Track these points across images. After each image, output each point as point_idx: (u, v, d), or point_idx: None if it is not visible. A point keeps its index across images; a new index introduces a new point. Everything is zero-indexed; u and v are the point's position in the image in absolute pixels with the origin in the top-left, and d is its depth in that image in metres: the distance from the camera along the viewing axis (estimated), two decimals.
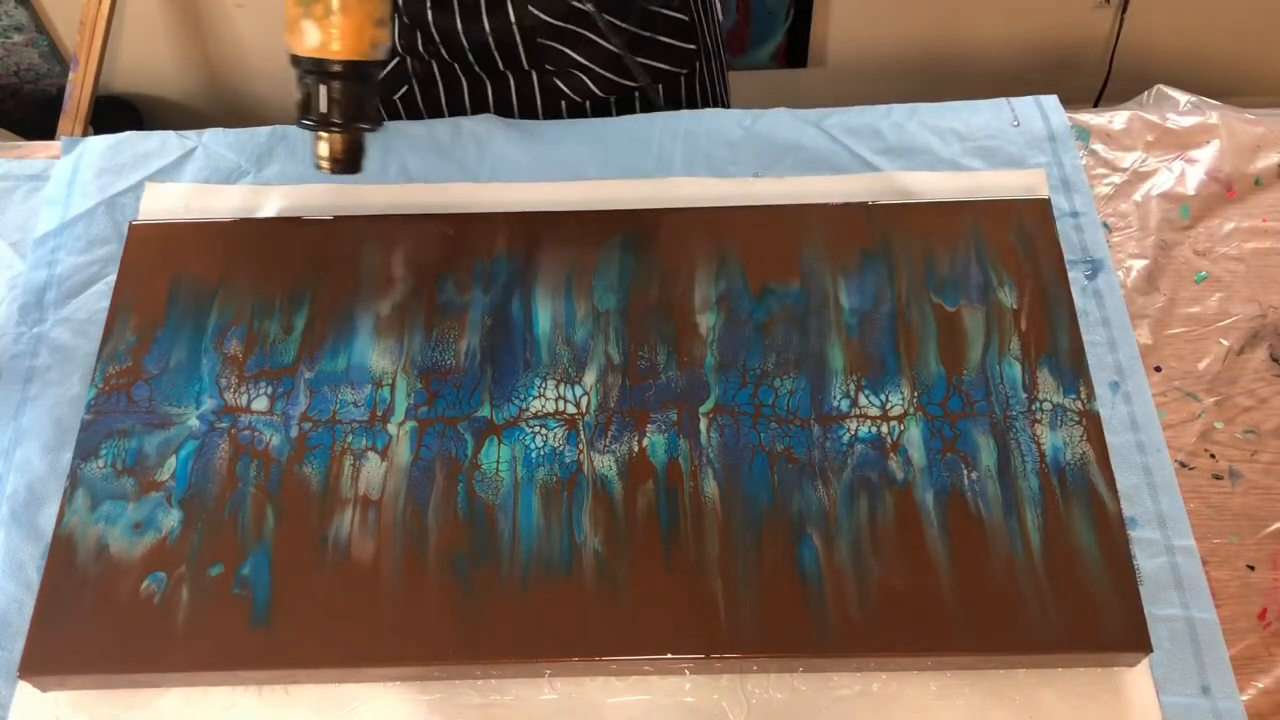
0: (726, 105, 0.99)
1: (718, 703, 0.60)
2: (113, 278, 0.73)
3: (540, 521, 0.63)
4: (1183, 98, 0.85)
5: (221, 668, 0.60)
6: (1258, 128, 0.81)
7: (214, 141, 0.82)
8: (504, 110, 0.89)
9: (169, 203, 0.79)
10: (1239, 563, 0.65)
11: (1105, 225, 0.77)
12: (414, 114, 0.92)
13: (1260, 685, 0.61)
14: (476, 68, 0.86)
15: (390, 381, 0.68)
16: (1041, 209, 0.74)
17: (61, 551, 0.62)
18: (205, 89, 1.62)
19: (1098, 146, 0.81)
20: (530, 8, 0.81)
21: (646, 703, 0.60)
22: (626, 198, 0.77)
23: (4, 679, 0.62)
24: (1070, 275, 0.72)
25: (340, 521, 0.63)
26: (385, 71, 0.87)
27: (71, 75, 1.37)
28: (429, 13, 0.82)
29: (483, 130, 0.82)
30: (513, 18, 0.82)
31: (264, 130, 0.82)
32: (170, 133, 0.82)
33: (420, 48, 0.84)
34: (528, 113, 0.89)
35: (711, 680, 0.61)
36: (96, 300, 0.74)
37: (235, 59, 1.58)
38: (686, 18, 0.89)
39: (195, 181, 0.80)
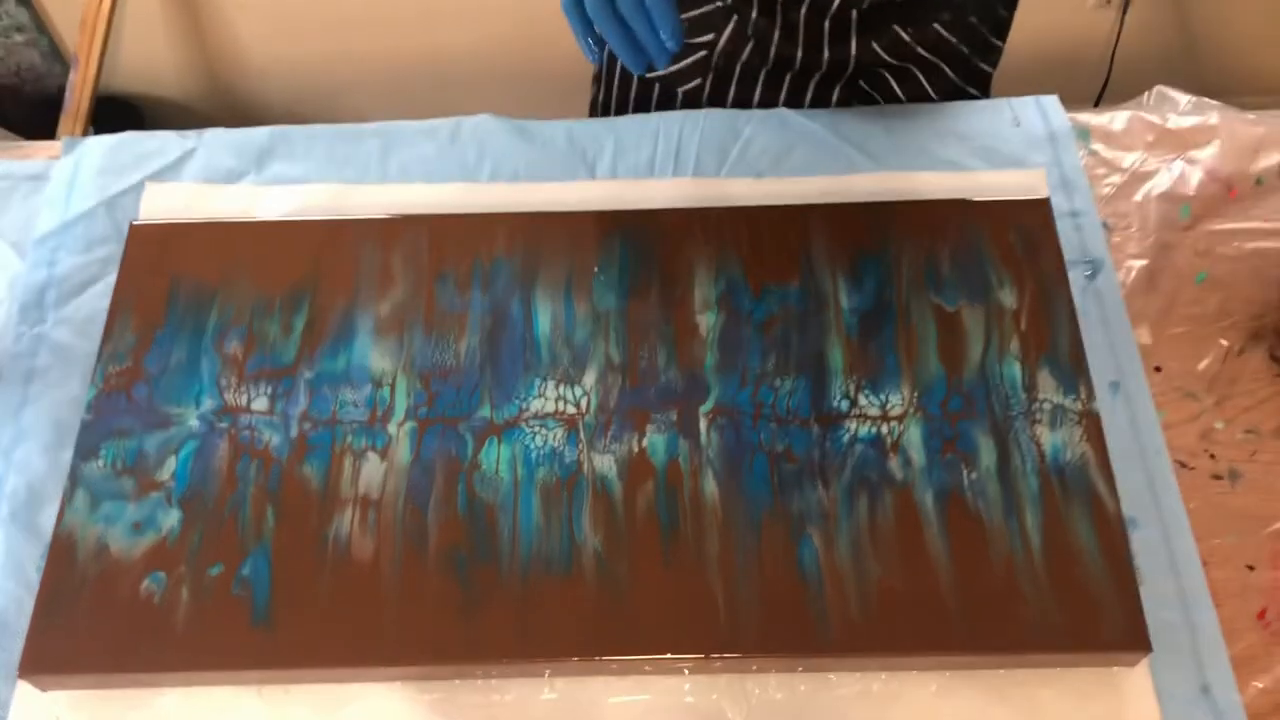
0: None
1: (717, 703, 0.60)
2: (113, 278, 0.73)
3: (540, 521, 0.63)
4: (1183, 98, 0.85)
5: (221, 668, 0.60)
6: (1258, 128, 0.81)
7: (214, 141, 0.82)
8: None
9: (169, 203, 0.79)
10: (1239, 563, 0.65)
11: (1105, 225, 0.77)
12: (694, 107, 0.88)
13: (1260, 685, 0.61)
14: (794, 65, 0.83)
15: (390, 382, 0.68)
16: (1041, 209, 0.74)
17: (61, 551, 0.62)
18: (205, 89, 1.62)
19: (1098, 146, 0.81)
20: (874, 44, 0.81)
21: (646, 703, 0.60)
22: (626, 198, 0.77)
23: (4, 679, 0.61)
24: (1070, 275, 0.72)
25: (340, 521, 0.63)
26: (682, 64, 0.85)
27: (71, 75, 1.37)
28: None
29: (483, 130, 0.82)
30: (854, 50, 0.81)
31: (264, 130, 0.82)
32: (170, 133, 0.82)
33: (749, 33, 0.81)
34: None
35: (711, 680, 0.61)
36: (96, 300, 0.74)
37: (235, 59, 1.58)
38: (1000, 41, 0.87)
39: (195, 181, 0.80)
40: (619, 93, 0.92)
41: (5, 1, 1.46)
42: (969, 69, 0.86)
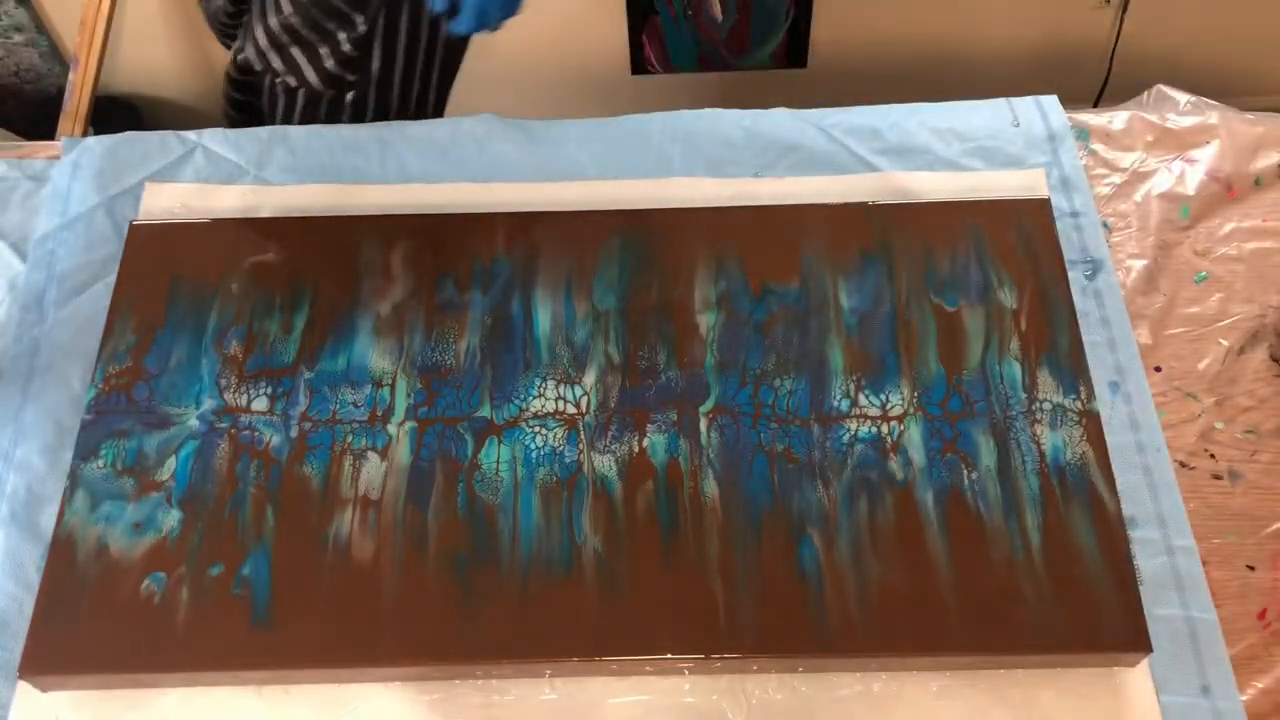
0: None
1: (718, 703, 0.60)
2: (113, 278, 0.73)
3: (540, 521, 0.63)
4: (1183, 98, 0.85)
5: (221, 668, 0.60)
6: (1258, 128, 0.81)
7: (214, 141, 0.82)
8: None
9: (169, 203, 0.79)
10: (1239, 563, 0.65)
11: (1105, 225, 0.77)
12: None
13: (1260, 685, 0.61)
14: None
15: (390, 381, 0.68)
16: (1041, 209, 0.74)
17: (61, 551, 0.62)
18: (205, 89, 1.62)
19: (1098, 146, 0.81)
20: None
21: (646, 703, 0.60)
22: (626, 198, 0.77)
23: (4, 679, 0.61)
24: (1070, 275, 0.72)
25: (340, 521, 0.63)
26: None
27: (71, 75, 1.37)
28: None
29: (483, 130, 0.82)
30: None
31: (264, 130, 0.82)
32: (170, 133, 0.82)
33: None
34: None
35: (711, 680, 0.61)
36: (96, 300, 0.74)
37: None
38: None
39: (195, 181, 0.80)
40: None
41: (5, 1, 1.46)
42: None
